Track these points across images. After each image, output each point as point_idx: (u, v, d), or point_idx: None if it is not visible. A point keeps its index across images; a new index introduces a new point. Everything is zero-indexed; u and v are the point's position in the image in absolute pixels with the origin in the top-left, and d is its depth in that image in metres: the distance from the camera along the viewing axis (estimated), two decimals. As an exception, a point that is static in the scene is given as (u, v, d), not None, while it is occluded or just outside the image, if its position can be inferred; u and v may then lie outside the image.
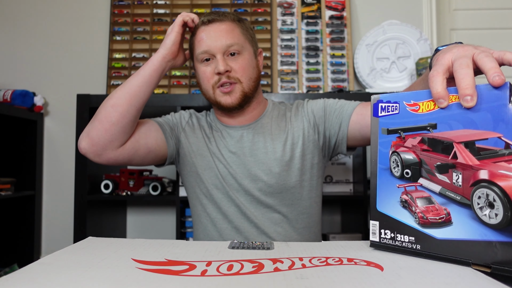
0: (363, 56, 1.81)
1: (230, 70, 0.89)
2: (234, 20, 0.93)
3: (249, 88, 0.92)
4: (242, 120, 0.97)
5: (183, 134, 0.99)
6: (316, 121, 0.96)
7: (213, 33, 0.89)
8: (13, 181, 1.67)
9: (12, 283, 0.41)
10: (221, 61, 0.88)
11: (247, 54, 0.92)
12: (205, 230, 0.96)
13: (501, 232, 0.46)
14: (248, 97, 0.92)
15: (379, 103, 0.58)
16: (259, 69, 0.97)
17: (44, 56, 1.91)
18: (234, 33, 0.90)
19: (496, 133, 0.47)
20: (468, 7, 1.94)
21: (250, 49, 0.94)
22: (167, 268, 0.47)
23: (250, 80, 0.92)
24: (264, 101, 1.02)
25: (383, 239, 0.57)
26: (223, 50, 0.88)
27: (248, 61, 0.92)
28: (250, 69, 0.92)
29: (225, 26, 0.90)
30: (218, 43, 0.88)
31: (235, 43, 0.89)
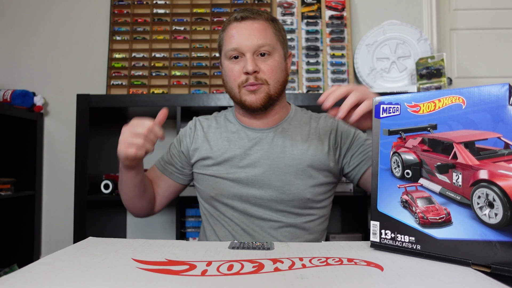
0: (363, 56, 1.81)
1: (259, 71, 0.86)
2: (268, 20, 0.90)
3: (275, 91, 0.89)
4: (263, 122, 0.94)
5: (193, 154, 0.98)
6: (340, 145, 0.94)
7: (244, 31, 0.87)
8: (13, 181, 1.67)
9: (12, 283, 0.41)
10: (250, 61, 0.85)
11: (277, 56, 0.89)
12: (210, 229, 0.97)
13: (501, 231, 0.46)
14: (272, 100, 0.90)
15: (381, 105, 0.58)
16: (287, 72, 0.94)
17: (44, 56, 1.91)
18: (266, 33, 0.87)
19: (496, 133, 0.47)
20: (468, 7, 1.94)
21: (281, 51, 0.91)
22: (168, 268, 0.47)
23: (277, 83, 0.89)
24: (287, 106, 0.99)
25: (384, 239, 0.57)
26: (254, 50, 0.86)
27: (278, 63, 0.89)
28: (279, 72, 0.89)
29: (258, 25, 0.87)
30: (249, 41, 0.86)
31: (267, 43, 0.86)
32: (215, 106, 1.46)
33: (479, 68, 1.93)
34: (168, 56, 1.84)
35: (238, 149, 0.93)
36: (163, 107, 0.85)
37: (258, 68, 0.86)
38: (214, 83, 1.83)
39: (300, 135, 0.93)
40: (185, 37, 1.87)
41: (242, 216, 0.91)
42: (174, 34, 1.87)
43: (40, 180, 1.84)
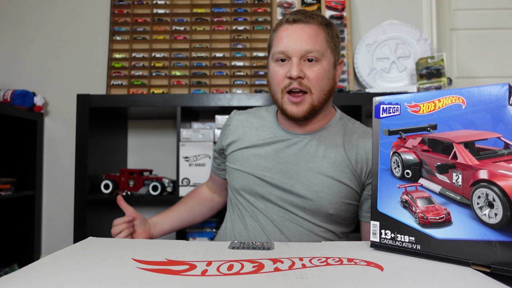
0: (363, 56, 1.81)
1: (303, 77, 0.83)
2: (321, 24, 0.86)
3: (319, 100, 0.86)
4: (302, 128, 0.92)
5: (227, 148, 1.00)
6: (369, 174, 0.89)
7: (295, 34, 0.84)
8: (13, 181, 1.67)
9: (12, 283, 0.41)
10: (296, 66, 0.83)
11: (325, 63, 0.85)
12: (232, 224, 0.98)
13: (501, 231, 0.46)
14: (316, 110, 0.86)
15: (381, 105, 0.58)
16: (334, 81, 0.90)
17: (44, 56, 1.91)
18: (317, 39, 0.84)
19: (496, 133, 0.47)
20: (468, 7, 1.94)
21: (331, 58, 0.87)
22: (168, 268, 0.47)
23: (321, 92, 0.85)
24: (331, 112, 0.95)
25: (384, 239, 0.57)
26: (301, 54, 0.83)
27: (325, 71, 0.85)
28: (325, 80, 0.85)
29: (309, 29, 0.84)
30: (297, 45, 0.83)
31: (315, 49, 0.83)
32: (215, 106, 1.46)
33: (479, 68, 1.93)
34: (168, 56, 1.84)
35: (269, 148, 0.92)
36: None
37: (303, 74, 0.83)
38: (214, 83, 1.83)
39: (336, 148, 0.89)
40: (185, 37, 1.87)
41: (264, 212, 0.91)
42: (174, 34, 1.87)
43: (40, 180, 1.84)
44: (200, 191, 1.14)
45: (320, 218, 0.88)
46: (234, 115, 1.02)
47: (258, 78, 1.83)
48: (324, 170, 0.87)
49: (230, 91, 1.80)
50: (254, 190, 0.91)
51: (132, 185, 1.57)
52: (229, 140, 0.98)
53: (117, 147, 1.77)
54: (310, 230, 0.88)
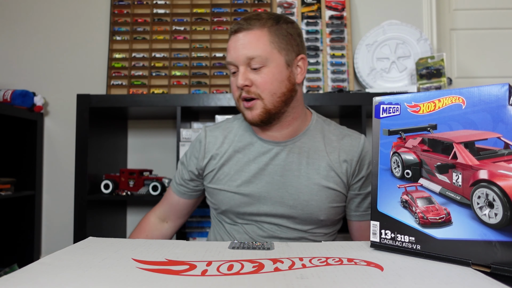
0: (363, 56, 1.81)
1: (251, 84, 0.83)
2: (265, 26, 0.83)
3: (273, 103, 0.84)
4: (278, 134, 0.90)
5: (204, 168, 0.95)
6: (354, 175, 0.90)
7: (236, 44, 0.84)
8: (13, 181, 1.67)
9: (12, 283, 0.41)
10: (241, 75, 0.83)
11: (273, 66, 0.83)
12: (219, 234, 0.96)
13: (501, 231, 0.46)
14: (272, 114, 0.85)
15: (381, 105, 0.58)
16: (291, 81, 0.86)
17: (44, 56, 1.91)
18: (258, 44, 0.82)
19: (496, 133, 0.47)
20: (468, 7, 1.94)
21: (280, 59, 0.84)
22: (168, 268, 0.47)
23: (273, 96, 0.84)
24: (305, 116, 0.92)
25: (384, 239, 0.57)
26: (245, 63, 0.83)
27: (273, 74, 0.83)
28: (275, 83, 0.83)
29: (250, 36, 0.83)
30: (239, 55, 0.83)
31: (257, 55, 0.82)
32: (215, 106, 1.46)
33: (479, 68, 1.93)
34: (168, 56, 1.84)
35: (252, 163, 0.89)
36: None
37: (250, 81, 0.83)
38: (214, 83, 1.83)
39: (318, 152, 0.89)
40: (185, 37, 1.87)
41: (254, 228, 0.90)
42: (174, 34, 1.87)
43: (40, 180, 1.84)
44: (147, 226, 1.03)
45: (311, 225, 0.88)
46: (207, 132, 0.96)
47: (258, 78, 1.83)
48: (310, 177, 0.87)
49: (230, 91, 1.80)
50: (243, 209, 0.88)
51: (132, 185, 1.57)
52: (206, 159, 0.93)
53: (117, 147, 1.77)
54: (301, 236, 0.89)
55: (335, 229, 0.95)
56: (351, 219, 0.94)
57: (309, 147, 0.89)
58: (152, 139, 1.87)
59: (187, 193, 0.99)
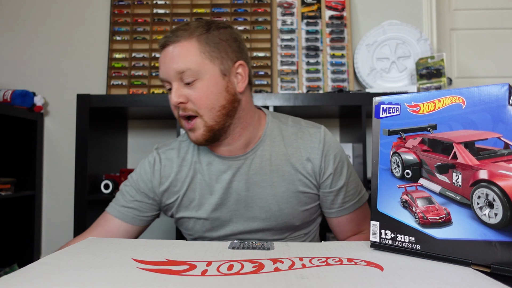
0: (363, 56, 1.81)
1: (186, 101, 0.76)
2: (193, 36, 0.76)
3: (214, 119, 0.77)
4: (231, 149, 0.83)
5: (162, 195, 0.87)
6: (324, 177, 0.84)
7: (165, 59, 0.77)
8: (13, 181, 1.67)
9: (12, 283, 0.41)
10: (174, 92, 0.76)
11: (207, 79, 0.76)
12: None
13: (501, 231, 0.46)
14: (216, 130, 0.78)
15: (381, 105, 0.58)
16: (230, 92, 0.78)
17: (44, 56, 1.91)
18: (187, 56, 0.75)
19: (496, 133, 0.47)
20: (468, 7, 1.95)
21: (214, 69, 0.76)
22: (168, 268, 0.47)
23: (212, 111, 0.76)
24: (258, 121, 0.85)
25: (384, 239, 0.57)
26: (178, 78, 0.76)
27: (208, 87, 0.76)
28: (212, 97, 0.76)
29: (178, 49, 0.75)
30: (169, 70, 0.76)
31: (187, 68, 0.74)
32: (215, 106, 1.46)
33: (479, 68, 1.93)
34: (168, 56, 1.84)
35: (216, 184, 0.83)
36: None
37: (185, 97, 0.76)
38: (214, 83, 1.83)
39: (280, 157, 0.83)
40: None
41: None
42: (174, 34, 1.87)
43: (40, 180, 1.84)
44: None
45: (288, 231, 0.86)
46: (161, 155, 0.88)
47: (258, 78, 1.83)
48: (277, 186, 0.82)
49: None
50: (216, 232, 0.85)
51: (132, 185, 1.57)
52: (164, 186, 0.85)
53: (117, 147, 1.77)
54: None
55: (314, 226, 0.92)
56: (328, 216, 0.89)
57: (270, 154, 0.83)
58: (152, 139, 1.87)
59: (137, 217, 0.86)
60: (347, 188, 0.85)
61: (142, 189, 0.86)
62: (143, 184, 0.86)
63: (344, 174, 0.85)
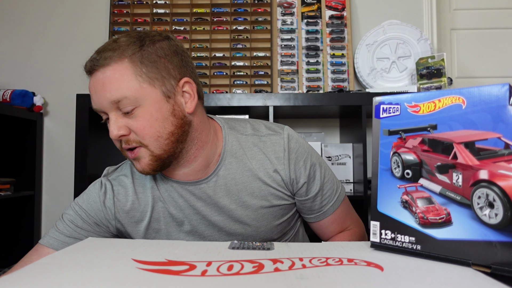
0: (363, 56, 1.81)
1: (128, 132, 0.67)
2: (124, 57, 0.65)
3: (161, 148, 0.68)
4: (188, 172, 0.74)
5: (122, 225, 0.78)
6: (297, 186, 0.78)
7: (95, 86, 0.67)
8: (12, 181, 1.67)
9: (12, 283, 0.41)
10: (113, 124, 0.66)
11: (148, 105, 0.66)
12: None
13: (501, 232, 0.46)
14: (165, 159, 0.69)
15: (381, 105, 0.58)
16: (177, 116, 0.69)
17: (44, 56, 1.91)
18: (121, 81, 0.64)
19: (496, 133, 0.47)
20: (468, 7, 1.95)
21: (155, 93, 0.66)
22: (168, 268, 0.47)
23: (159, 140, 0.67)
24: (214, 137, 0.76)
25: (384, 240, 0.57)
26: (113, 108, 0.66)
27: (151, 114, 0.66)
28: (156, 125, 0.66)
29: (108, 74, 0.65)
30: (102, 100, 0.66)
31: (123, 96, 0.64)
32: (215, 106, 1.46)
33: (479, 68, 1.93)
34: (168, 56, 1.84)
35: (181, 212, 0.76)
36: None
37: (127, 129, 0.67)
38: (214, 83, 1.83)
39: (246, 174, 0.75)
40: (185, 37, 1.87)
41: None
42: (174, 34, 1.86)
43: (39, 180, 1.84)
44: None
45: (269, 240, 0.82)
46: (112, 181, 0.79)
47: (258, 78, 1.83)
48: (249, 205, 0.75)
49: (230, 91, 1.80)
50: None
51: (132, 185, 1.57)
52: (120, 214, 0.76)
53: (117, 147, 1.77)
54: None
55: (296, 228, 0.89)
56: (309, 221, 0.85)
57: (234, 172, 0.75)
58: (152, 139, 1.86)
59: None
60: (323, 192, 0.80)
61: (91, 218, 0.76)
62: (93, 213, 0.76)
63: (318, 177, 0.79)
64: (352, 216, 0.88)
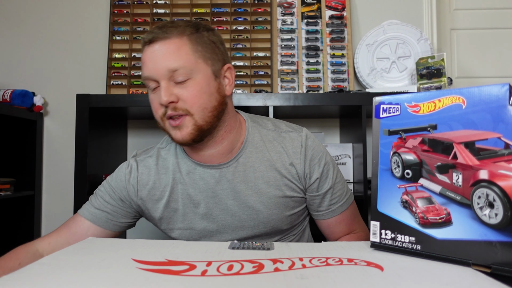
0: (363, 56, 1.81)
1: (177, 100, 0.73)
2: (184, 34, 0.74)
3: (204, 120, 0.75)
4: (213, 153, 0.80)
5: (141, 206, 0.85)
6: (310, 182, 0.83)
7: (153, 55, 0.73)
8: (12, 181, 1.67)
9: (12, 283, 0.41)
10: (164, 91, 0.72)
11: (200, 78, 0.74)
12: None
13: (501, 232, 0.46)
14: (204, 131, 0.76)
15: (381, 105, 0.58)
16: (221, 93, 0.78)
17: (44, 56, 1.91)
18: (180, 54, 0.72)
19: (496, 133, 0.47)
20: (468, 7, 1.94)
21: (207, 70, 0.75)
22: (168, 268, 0.47)
23: (204, 111, 0.74)
24: (239, 126, 0.84)
25: (384, 240, 0.57)
26: (167, 76, 0.72)
27: (201, 87, 0.74)
28: (205, 97, 0.74)
29: (169, 45, 0.72)
30: (159, 68, 0.72)
31: (181, 66, 0.72)
32: (215, 106, 1.46)
33: (479, 68, 1.93)
34: (168, 56, 1.84)
35: (200, 194, 0.81)
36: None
37: (176, 97, 0.73)
38: (214, 83, 1.83)
39: (264, 164, 0.81)
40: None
41: None
42: (174, 34, 1.86)
43: (39, 180, 1.84)
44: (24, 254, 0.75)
45: (277, 235, 0.86)
46: (139, 161, 0.86)
47: (258, 78, 1.83)
48: (263, 192, 0.80)
49: (230, 91, 1.80)
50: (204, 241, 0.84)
51: (132, 185, 1.57)
52: (142, 193, 0.83)
53: (117, 147, 1.77)
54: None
55: (303, 226, 0.92)
56: (317, 219, 0.88)
57: (254, 161, 0.81)
58: (152, 139, 1.86)
59: (110, 221, 0.83)
60: (334, 191, 0.84)
61: (117, 194, 0.84)
62: (119, 190, 0.84)
63: (330, 177, 0.84)
64: (359, 221, 0.90)
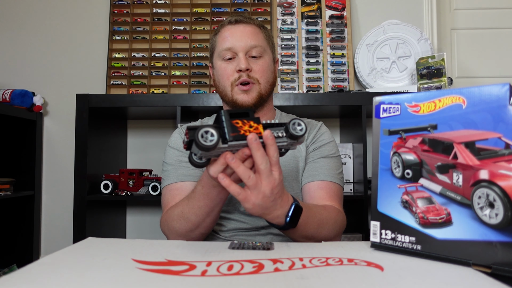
0: (363, 55, 1.81)
1: (251, 69, 0.91)
2: (259, 26, 0.96)
3: (266, 90, 0.94)
4: None
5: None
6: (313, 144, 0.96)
7: (238, 32, 0.92)
8: (12, 181, 1.67)
9: (12, 283, 0.41)
10: (244, 59, 0.91)
11: (267, 58, 0.95)
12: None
13: (502, 232, 0.46)
14: (263, 99, 0.94)
15: (381, 105, 0.58)
16: (275, 76, 0.99)
17: (44, 56, 1.91)
18: (258, 36, 0.94)
19: (496, 133, 0.47)
20: (468, 7, 1.94)
21: (271, 54, 0.97)
22: (168, 268, 0.47)
23: (267, 83, 0.94)
24: (273, 111, 1.03)
25: (384, 240, 0.57)
26: (246, 50, 0.92)
27: (268, 64, 0.95)
28: (269, 73, 0.95)
29: (250, 28, 0.93)
30: (242, 42, 0.91)
31: (259, 45, 0.92)
32: (215, 106, 1.46)
33: (480, 68, 1.93)
34: (168, 56, 1.84)
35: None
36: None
37: (251, 67, 0.91)
38: (214, 83, 1.83)
39: None
40: (185, 37, 1.87)
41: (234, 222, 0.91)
42: (174, 34, 1.86)
43: (39, 180, 1.84)
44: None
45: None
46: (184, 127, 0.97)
47: (258, 78, 1.83)
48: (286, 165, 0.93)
49: (230, 91, 1.80)
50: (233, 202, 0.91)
51: (132, 185, 1.57)
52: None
53: (117, 147, 1.77)
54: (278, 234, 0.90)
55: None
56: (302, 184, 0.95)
57: None
58: (152, 139, 1.86)
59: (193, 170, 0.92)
60: (328, 163, 0.94)
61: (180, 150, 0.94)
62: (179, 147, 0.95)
63: (332, 155, 0.95)
64: (340, 203, 0.95)
